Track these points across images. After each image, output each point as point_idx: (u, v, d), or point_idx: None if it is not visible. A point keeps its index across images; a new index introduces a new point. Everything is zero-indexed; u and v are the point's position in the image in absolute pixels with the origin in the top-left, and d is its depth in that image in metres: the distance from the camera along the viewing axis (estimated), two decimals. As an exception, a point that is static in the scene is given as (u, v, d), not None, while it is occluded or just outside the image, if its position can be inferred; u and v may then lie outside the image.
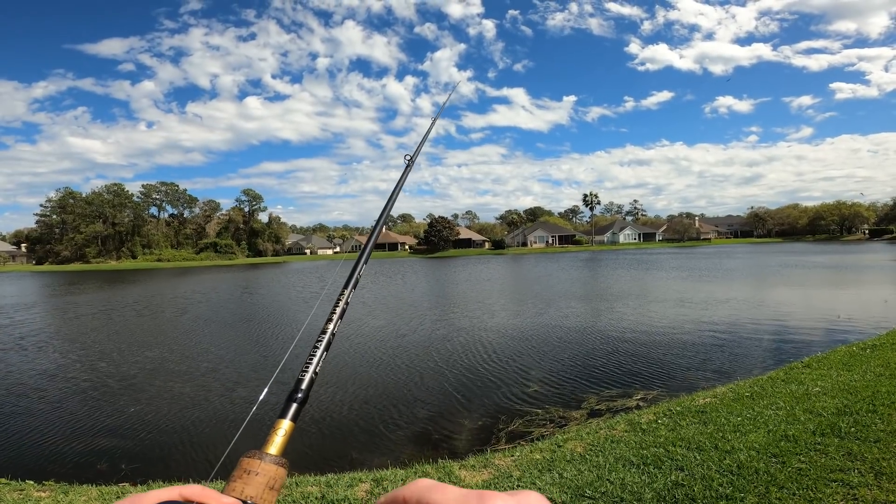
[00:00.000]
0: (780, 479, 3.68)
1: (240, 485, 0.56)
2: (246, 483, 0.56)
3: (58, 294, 30.87)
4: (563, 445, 4.81)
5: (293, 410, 0.67)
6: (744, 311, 15.34)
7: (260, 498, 0.55)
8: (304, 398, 0.69)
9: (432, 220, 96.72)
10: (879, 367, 6.76)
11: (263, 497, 0.56)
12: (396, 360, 10.59)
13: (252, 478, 0.57)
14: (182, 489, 0.50)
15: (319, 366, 0.75)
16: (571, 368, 9.38)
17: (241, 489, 0.55)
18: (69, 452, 6.27)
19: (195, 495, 0.50)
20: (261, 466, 0.58)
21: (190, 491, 0.50)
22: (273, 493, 0.57)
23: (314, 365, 0.74)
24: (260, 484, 0.56)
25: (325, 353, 0.77)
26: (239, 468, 0.58)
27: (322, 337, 0.79)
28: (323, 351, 0.77)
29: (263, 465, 0.58)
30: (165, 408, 7.85)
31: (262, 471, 0.57)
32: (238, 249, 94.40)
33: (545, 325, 14.20)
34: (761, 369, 8.41)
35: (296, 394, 0.69)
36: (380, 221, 1.14)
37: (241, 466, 0.58)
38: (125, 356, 11.76)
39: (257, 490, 0.56)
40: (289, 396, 0.69)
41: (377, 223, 1.12)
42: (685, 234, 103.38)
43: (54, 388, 9.22)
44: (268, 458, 0.59)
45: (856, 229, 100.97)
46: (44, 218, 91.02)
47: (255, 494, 0.55)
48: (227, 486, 0.56)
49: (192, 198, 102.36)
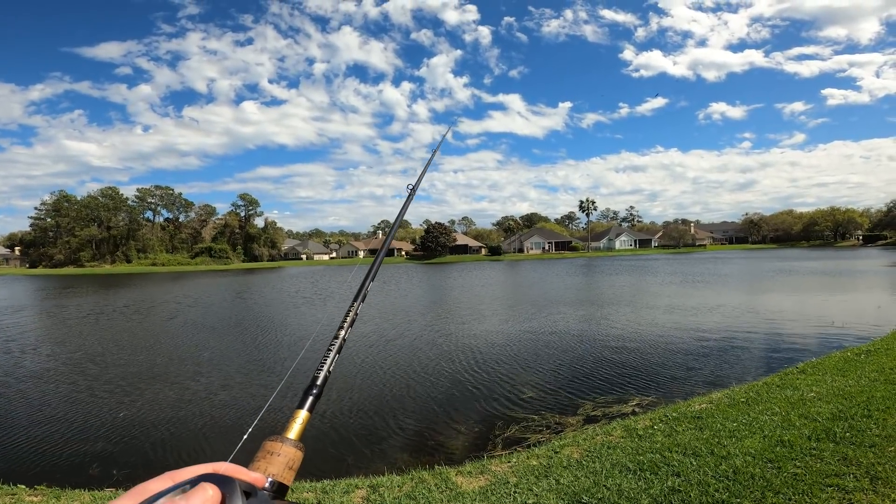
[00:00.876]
0: (776, 484, 3.69)
1: (263, 464, 0.64)
2: (269, 462, 0.64)
3: (50, 297, 30.63)
4: (559, 451, 4.80)
5: (310, 402, 0.77)
6: (738, 317, 15.39)
7: (281, 476, 0.63)
8: (318, 393, 0.80)
9: (429, 226, 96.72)
10: (874, 372, 6.80)
11: (284, 475, 0.64)
12: (392, 366, 10.55)
13: (274, 458, 0.65)
14: (215, 465, 0.56)
15: (332, 366, 0.86)
16: (567, 374, 9.37)
17: (265, 467, 0.63)
18: (61, 457, 6.20)
19: (227, 470, 0.56)
20: (282, 448, 0.66)
21: (221, 467, 0.56)
22: (292, 472, 0.65)
23: (328, 365, 0.85)
24: (281, 463, 0.64)
25: (336, 356, 0.87)
26: (262, 449, 0.66)
27: (335, 341, 0.89)
28: (335, 353, 0.87)
29: (284, 448, 0.66)
30: (155, 412, 7.79)
31: (283, 452, 0.66)
32: (233, 254, 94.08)
33: (540, 331, 14.20)
34: (756, 375, 8.44)
35: (312, 388, 0.80)
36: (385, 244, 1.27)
37: (265, 448, 0.66)
38: (113, 360, 11.66)
39: (279, 469, 0.64)
40: (306, 390, 0.79)
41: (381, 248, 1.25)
42: (681, 241, 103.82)
43: (44, 392, 9.13)
44: (288, 441, 0.68)
45: (850, 235, 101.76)
46: (38, 221, 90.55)
47: (277, 472, 0.63)
48: (252, 465, 0.64)
49: (188, 202, 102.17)
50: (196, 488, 0.48)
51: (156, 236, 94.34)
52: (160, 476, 0.52)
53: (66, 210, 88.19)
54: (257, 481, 0.59)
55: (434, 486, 4.16)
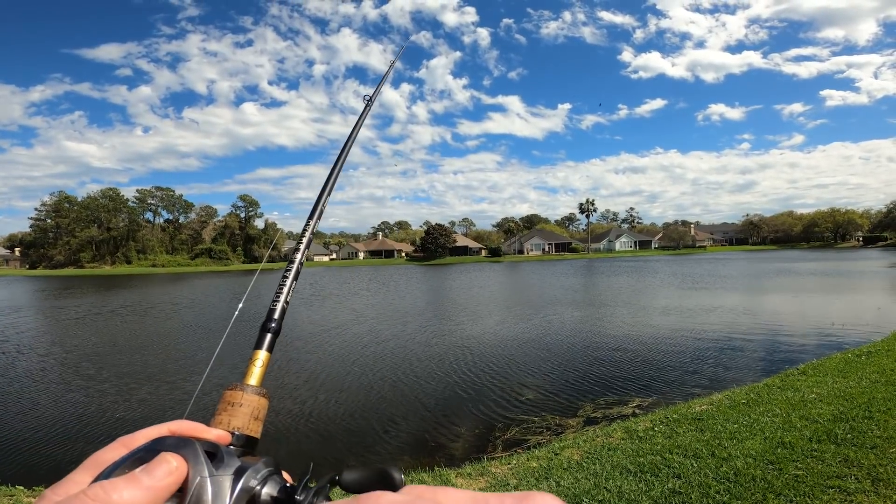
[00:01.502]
0: (777, 486, 3.67)
1: (225, 417, 0.57)
2: (231, 415, 0.57)
3: (49, 298, 30.59)
4: (559, 453, 4.79)
5: (268, 340, 0.68)
6: (739, 318, 15.37)
7: (247, 428, 0.57)
8: (277, 328, 0.70)
9: (429, 228, 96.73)
10: (875, 373, 6.79)
11: (250, 427, 0.57)
12: (391, 366, 10.53)
13: (236, 409, 0.58)
14: (169, 425, 0.51)
15: (290, 295, 0.76)
16: (567, 376, 9.36)
17: (228, 421, 0.57)
18: (59, 458, 6.18)
19: (184, 430, 0.51)
20: (243, 397, 0.59)
21: (178, 426, 0.51)
22: (258, 422, 0.59)
23: (284, 294, 0.75)
24: (245, 414, 0.58)
25: (294, 283, 0.78)
26: (222, 401, 0.59)
27: (290, 267, 0.80)
28: (292, 280, 0.78)
29: (246, 396, 0.59)
30: (155, 413, 7.78)
31: (245, 401, 0.59)
32: (233, 255, 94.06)
33: (540, 332, 14.18)
34: (757, 376, 8.42)
35: (269, 323, 0.70)
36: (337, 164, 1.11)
37: (224, 399, 0.59)
38: (110, 361, 11.64)
39: (243, 420, 0.57)
40: (262, 326, 0.70)
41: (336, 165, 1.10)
42: (681, 242, 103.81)
43: (42, 393, 9.11)
44: (249, 388, 0.60)
45: (850, 236, 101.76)
46: (38, 222, 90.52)
47: (242, 425, 0.57)
48: (213, 420, 0.57)
49: (188, 203, 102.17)
50: (157, 459, 0.43)
51: (156, 237, 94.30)
52: (112, 444, 0.48)
53: (67, 211, 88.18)
54: (221, 438, 0.53)
55: (434, 488, 4.14)
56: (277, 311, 0.72)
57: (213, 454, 0.47)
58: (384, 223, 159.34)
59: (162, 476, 0.42)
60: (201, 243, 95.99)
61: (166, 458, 0.43)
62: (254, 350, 0.66)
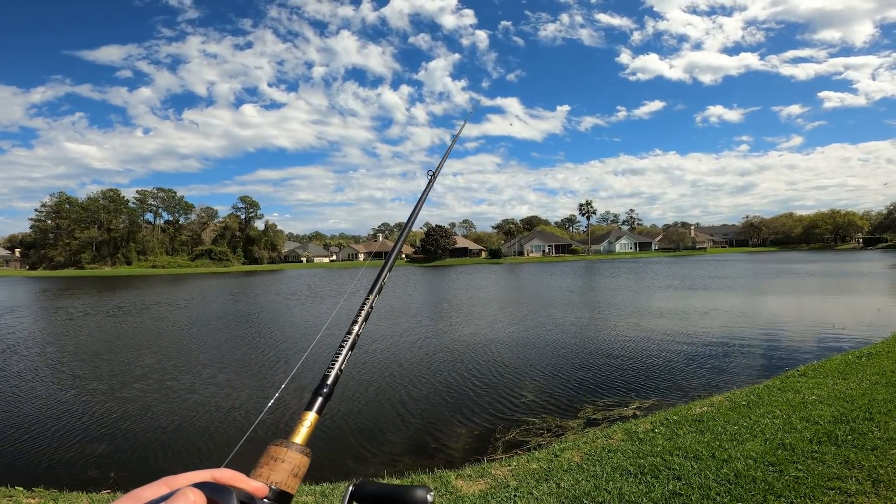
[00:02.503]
0: (778, 487, 3.67)
1: (266, 470, 0.60)
2: (272, 469, 0.60)
3: (48, 299, 30.59)
4: (560, 455, 4.78)
5: (319, 403, 0.71)
6: (739, 320, 15.37)
7: (285, 484, 0.59)
8: (329, 393, 0.74)
9: (429, 229, 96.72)
10: (875, 374, 6.78)
11: (288, 483, 0.59)
12: (391, 367, 10.53)
13: (278, 465, 0.60)
14: (214, 472, 0.53)
15: (345, 364, 0.80)
16: (568, 377, 9.35)
17: (268, 475, 0.59)
18: (59, 459, 6.18)
19: (226, 478, 0.53)
20: (287, 454, 0.61)
21: (220, 474, 0.53)
22: (297, 479, 0.61)
23: (339, 363, 0.79)
24: (285, 471, 0.60)
25: (349, 353, 0.82)
26: (266, 455, 0.62)
27: (348, 337, 0.83)
28: (348, 350, 0.81)
29: (289, 453, 0.62)
30: (153, 413, 7.77)
31: (287, 458, 0.61)
32: (234, 257, 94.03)
33: (540, 334, 14.18)
34: (757, 378, 8.41)
35: (322, 388, 0.74)
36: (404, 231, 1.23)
37: (269, 453, 0.62)
38: (108, 361, 11.63)
39: (282, 476, 0.59)
40: (315, 390, 0.73)
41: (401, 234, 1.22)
42: (681, 244, 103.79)
43: (40, 393, 9.10)
44: (294, 446, 0.63)
45: (850, 238, 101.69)
46: (38, 223, 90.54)
47: (281, 480, 0.59)
48: (254, 472, 0.60)
49: (189, 204, 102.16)
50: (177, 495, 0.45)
51: (156, 238, 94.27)
52: (155, 482, 0.49)
53: (67, 212, 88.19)
54: (258, 491, 0.55)
55: (434, 489, 4.13)
56: (331, 377, 0.76)
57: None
58: (384, 225, 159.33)
59: None
60: (201, 244, 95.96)
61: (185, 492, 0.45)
62: (304, 411, 0.69)
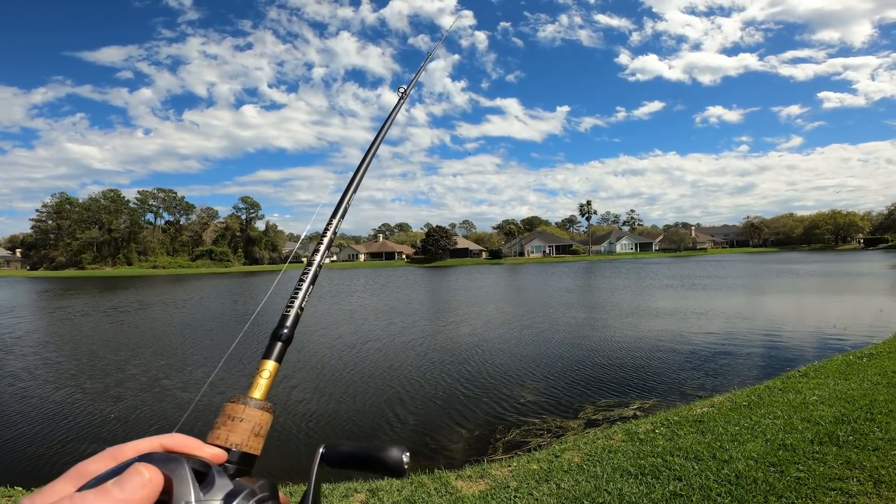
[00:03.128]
0: (779, 488, 3.65)
1: (224, 432, 0.54)
2: (230, 430, 0.54)
3: (50, 299, 30.61)
4: (560, 455, 4.77)
5: (277, 350, 0.64)
6: (739, 320, 15.34)
7: (246, 445, 0.54)
8: (288, 336, 0.65)
9: (430, 230, 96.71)
10: (876, 375, 6.76)
11: (249, 444, 0.54)
12: (390, 368, 10.52)
13: (236, 424, 0.54)
14: (162, 439, 0.48)
15: (305, 301, 0.70)
16: (568, 378, 9.33)
17: (226, 436, 0.53)
18: (59, 458, 6.17)
19: (177, 445, 0.48)
20: (245, 412, 0.55)
21: (171, 441, 0.48)
22: (259, 439, 0.55)
23: (300, 299, 0.70)
24: (245, 430, 0.54)
25: (311, 287, 0.72)
26: (222, 414, 0.55)
27: (308, 269, 0.74)
28: (309, 284, 0.72)
29: (248, 411, 0.56)
30: (153, 413, 7.76)
31: (246, 416, 0.55)
32: (234, 257, 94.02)
33: (541, 334, 14.16)
34: (758, 378, 8.40)
35: (280, 330, 0.65)
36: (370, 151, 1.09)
37: (225, 412, 0.56)
38: (106, 361, 11.63)
39: (242, 437, 0.54)
40: (273, 334, 0.65)
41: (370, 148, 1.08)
42: (681, 244, 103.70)
43: (38, 393, 9.10)
44: (252, 402, 0.57)
45: (851, 238, 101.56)
46: (39, 223, 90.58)
47: (241, 441, 0.53)
48: (211, 434, 0.54)
49: (189, 205, 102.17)
50: (129, 471, 0.40)
51: (157, 239, 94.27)
52: (100, 454, 0.45)
53: (68, 212, 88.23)
54: (215, 457, 0.50)
55: (434, 490, 4.12)
56: (290, 317, 0.67)
57: (203, 474, 0.44)
58: (385, 225, 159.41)
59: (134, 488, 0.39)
60: (202, 245, 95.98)
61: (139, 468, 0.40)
62: (261, 360, 0.62)
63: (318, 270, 0.75)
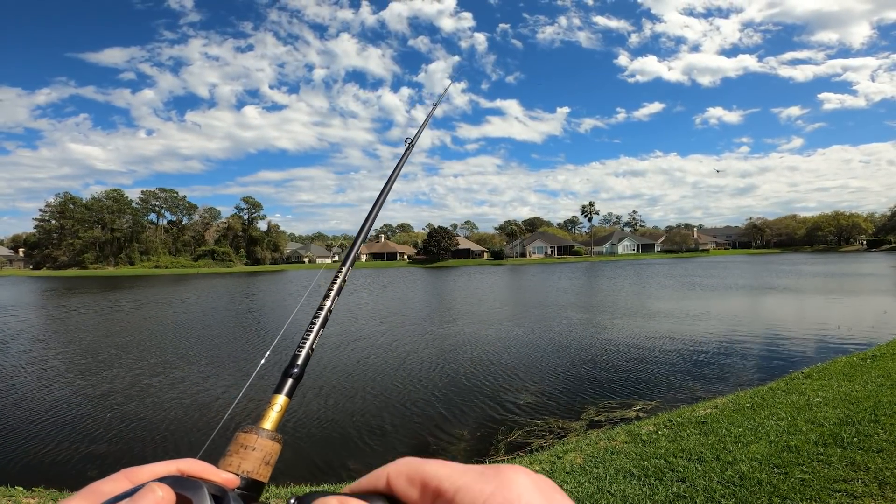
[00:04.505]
0: (784, 489, 3.63)
1: (236, 459, 0.56)
2: (242, 458, 0.56)
3: (52, 298, 30.69)
4: (562, 457, 4.75)
5: (288, 386, 0.67)
6: (743, 322, 15.29)
7: (256, 472, 0.55)
8: (299, 374, 0.69)
9: (432, 230, 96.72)
10: (880, 377, 6.72)
11: (259, 472, 0.56)
12: (393, 368, 10.50)
13: (248, 453, 0.56)
14: (178, 463, 0.48)
15: (316, 342, 0.74)
16: (570, 379, 9.31)
17: (238, 464, 0.55)
18: (59, 458, 6.17)
19: (193, 469, 0.49)
20: (257, 441, 0.57)
21: (187, 465, 0.49)
22: (268, 467, 0.57)
23: (311, 341, 0.73)
24: (256, 458, 0.56)
25: (321, 329, 0.76)
26: (235, 443, 0.57)
27: (319, 313, 0.77)
28: (319, 327, 0.75)
29: (259, 440, 0.58)
30: (152, 412, 7.76)
31: (258, 446, 0.57)
32: (236, 257, 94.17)
33: (543, 335, 14.13)
34: (761, 379, 8.36)
35: (291, 369, 0.68)
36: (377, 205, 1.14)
37: (237, 441, 0.58)
38: (104, 360, 11.64)
39: (254, 465, 0.56)
40: (284, 371, 0.68)
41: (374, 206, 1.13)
42: (683, 245, 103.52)
43: (41, 394, 9.11)
44: (263, 433, 0.59)
45: (853, 240, 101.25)
46: (42, 223, 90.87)
47: (252, 469, 0.55)
48: (223, 461, 0.56)
49: (192, 205, 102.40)
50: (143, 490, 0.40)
51: (159, 239, 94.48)
52: (115, 475, 0.45)
53: (71, 212, 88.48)
54: (228, 482, 0.51)
55: None
56: (301, 357, 0.70)
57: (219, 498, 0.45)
58: (386, 225, 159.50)
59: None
60: (204, 245, 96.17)
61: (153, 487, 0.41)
62: (273, 394, 0.65)
63: (329, 315, 0.78)
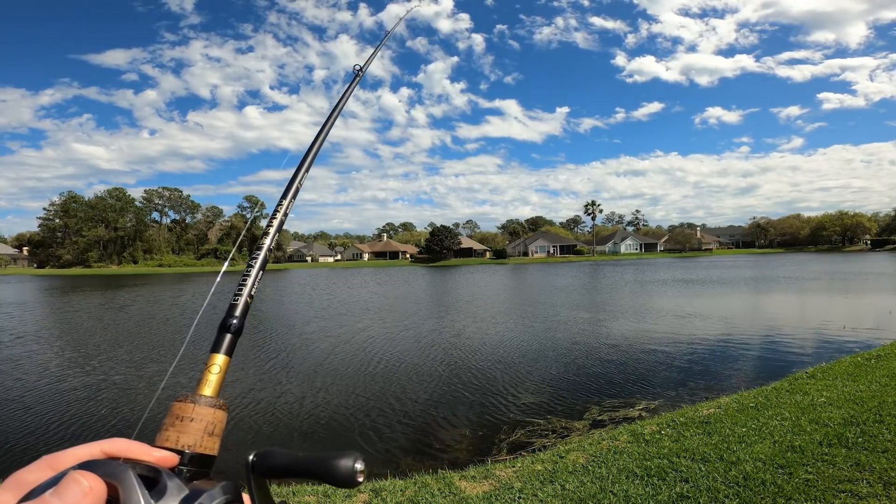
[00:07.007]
0: (788, 490, 3.61)
1: (173, 433, 0.49)
2: (180, 431, 0.49)
3: (55, 296, 30.81)
4: (565, 456, 4.73)
5: (227, 342, 0.59)
6: (747, 321, 15.24)
7: (199, 445, 0.49)
8: (238, 326, 0.61)
9: (434, 230, 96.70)
10: (885, 377, 6.69)
11: (203, 444, 0.49)
12: (395, 367, 10.50)
13: (186, 424, 0.50)
14: (103, 444, 0.44)
15: (255, 288, 0.66)
16: (573, 378, 9.29)
17: (176, 438, 0.49)
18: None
19: (120, 450, 0.44)
20: (195, 410, 0.51)
21: (113, 446, 0.44)
22: (214, 438, 0.51)
23: (249, 287, 0.65)
24: (196, 430, 0.50)
25: (261, 273, 0.68)
26: (170, 415, 0.51)
27: (257, 254, 0.70)
28: (258, 269, 0.68)
29: (198, 409, 0.51)
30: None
31: (196, 415, 0.50)
32: (239, 256, 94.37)
33: (546, 334, 14.11)
34: (765, 379, 8.31)
35: (229, 321, 0.60)
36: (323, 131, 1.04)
37: (172, 413, 0.51)
38: (104, 360, 11.67)
39: (195, 437, 0.49)
40: (221, 326, 0.60)
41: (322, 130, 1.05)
42: (686, 245, 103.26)
43: (39, 387, 9.14)
44: (202, 400, 0.52)
45: (857, 240, 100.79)
46: (46, 222, 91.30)
47: (193, 442, 0.49)
48: (159, 436, 0.50)
49: (195, 204, 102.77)
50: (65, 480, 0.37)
51: (162, 237, 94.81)
52: (36, 463, 0.41)
53: (74, 211, 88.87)
54: (164, 461, 0.46)
55: (437, 491, 4.10)
56: (239, 307, 0.62)
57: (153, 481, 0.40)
58: (389, 225, 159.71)
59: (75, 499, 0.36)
60: (207, 244, 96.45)
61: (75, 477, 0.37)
62: (210, 353, 0.57)
63: (268, 255, 0.70)
